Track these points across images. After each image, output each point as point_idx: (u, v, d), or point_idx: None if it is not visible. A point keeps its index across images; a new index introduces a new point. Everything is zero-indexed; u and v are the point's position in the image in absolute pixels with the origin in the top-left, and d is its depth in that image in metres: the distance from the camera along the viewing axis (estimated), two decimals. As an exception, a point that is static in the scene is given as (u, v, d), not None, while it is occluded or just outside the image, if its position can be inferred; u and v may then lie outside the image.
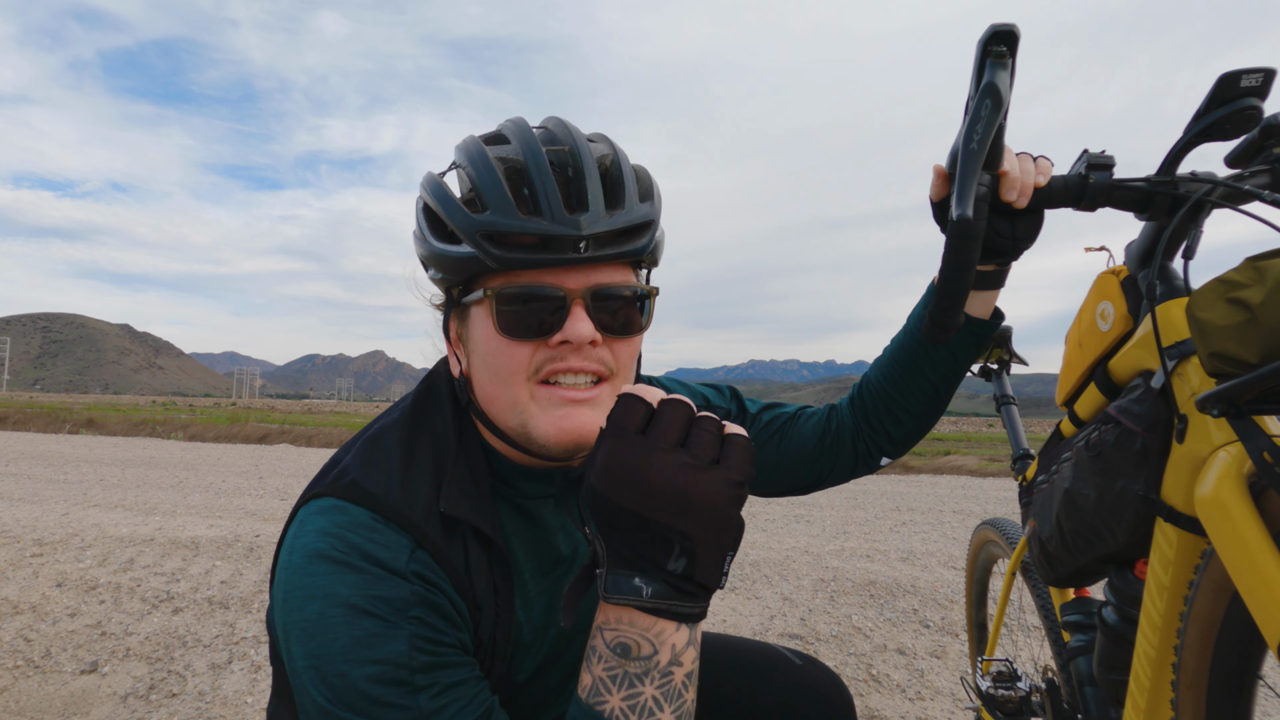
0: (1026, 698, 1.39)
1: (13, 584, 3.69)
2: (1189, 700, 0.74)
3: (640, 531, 0.59)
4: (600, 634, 0.61)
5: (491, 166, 0.73)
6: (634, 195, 0.77)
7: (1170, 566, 0.76)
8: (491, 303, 0.73)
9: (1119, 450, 0.83)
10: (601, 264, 0.74)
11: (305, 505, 0.73)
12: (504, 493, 0.81)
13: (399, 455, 0.75)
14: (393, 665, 0.62)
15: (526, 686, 0.81)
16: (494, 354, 0.74)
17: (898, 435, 1.00)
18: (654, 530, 0.59)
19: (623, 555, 0.60)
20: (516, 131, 0.77)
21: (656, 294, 0.81)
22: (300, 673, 0.64)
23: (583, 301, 0.73)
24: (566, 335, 0.72)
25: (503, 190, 0.71)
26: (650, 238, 0.77)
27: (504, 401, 0.76)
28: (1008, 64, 0.71)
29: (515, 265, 0.71)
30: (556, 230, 0.70)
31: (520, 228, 0.70)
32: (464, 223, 0.72)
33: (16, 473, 8.48)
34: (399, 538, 0.69)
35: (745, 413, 1.06)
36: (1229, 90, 0.74)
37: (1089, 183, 0.82)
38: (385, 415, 0.83)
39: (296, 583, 0.66)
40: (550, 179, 0.72)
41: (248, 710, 2.38)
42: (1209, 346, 0.62)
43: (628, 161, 0.79)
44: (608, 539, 0.61)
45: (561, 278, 0.73)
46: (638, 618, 0.60)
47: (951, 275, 0.72)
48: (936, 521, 6.49)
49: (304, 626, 0.64)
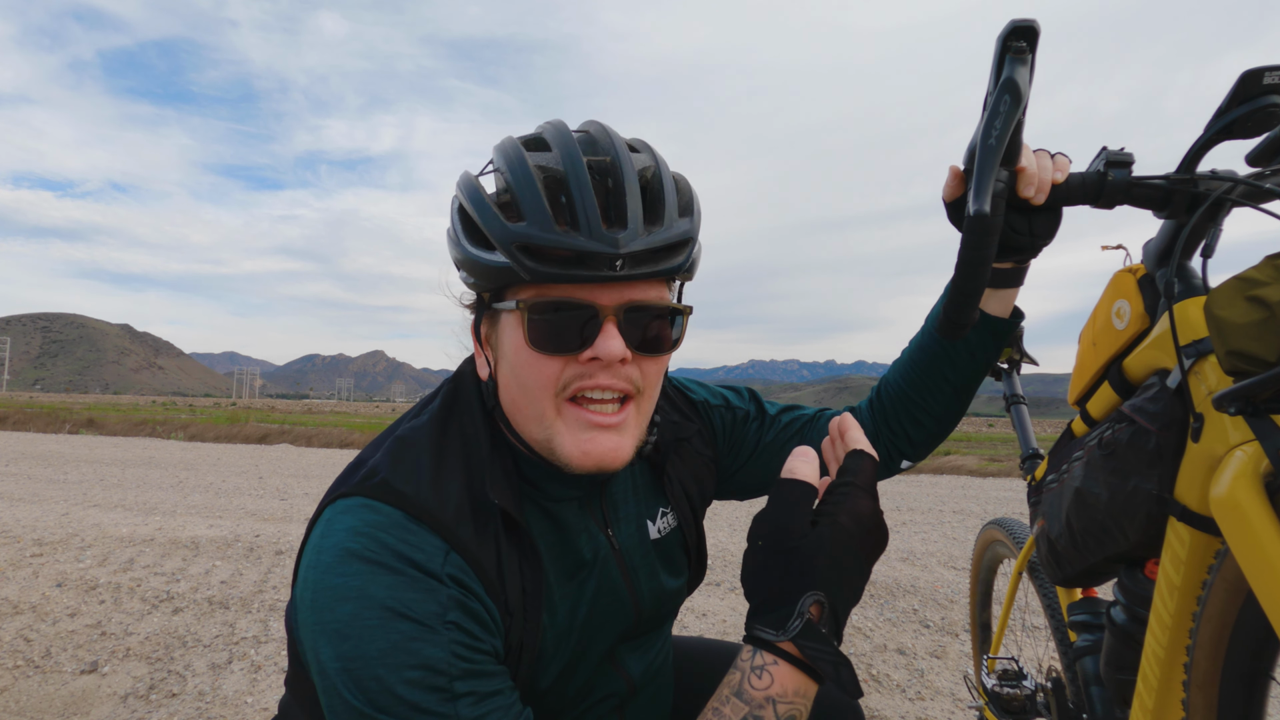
0: (1032, 696, 1.39)
1: (13, 584, 3.68)
2: (1201, 700, 0.74)
3: (864, 580, 0.67)
4: (772, 706, 0.63)
5: (530, 175, 0.71)
6: (674, 210, 0.75)
7: (1182, 566, 0.76)
8: (523, 315, 0.71)
9: (1132, 449, 0.82)
10: (637, 281, 0.73)
11: (332, 504, 0.71)
12: (530, 494, 0.80)
13: (430, 455, 0.74)
14: (432, 671, 0.61)
15: (547, 693, 0.80)
16: (522, 365, 0.73)
17: (918, 438, 0.99)
18: (865, 582, 0.67)
19: (840, 615, 0.65)
20: (558, 138, 0.74)
21: (690, 312, 0.79)
22: (331, 675, 0.62)
23: (615, 318, 0.72)
24: (597, 352, 0.71)
25: (540, 201, 0.69)
26: (688, 255, 0.75)
27: (530, 413, 0.75)
28: (1027, 59, 0.70)
29: (549, 279, 0.69)
30: (593, 247, 0.68)
31: (556, 242, 0.68)
32: (499, 232, 0.70)
33: (16, 473, 8.47)
34: (433, 539, 0.68)
35: (764, 415, 1.05)
36: (1251, 88, 0.73)
37: (1107, 180, 0.81)
38: (412, 415, 0.82)
39: (327, 582, 0.64)
40: (589, 191, 0.69)
41: (248, 710, 2.38)
42: (1227, 344, 0.62)
43: (669, 172, 0.77)
44: (837, 595, 0.64)
45: (594, 293, 0.71)
46: (810, 689, 0.64)
47: (967, 271, 0.72)
48: (936, 521, 6.49)
49: (336, 628, 0.62)
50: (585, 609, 0.81)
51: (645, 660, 0.91)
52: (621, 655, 0.88)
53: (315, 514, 0.73)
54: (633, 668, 0.89)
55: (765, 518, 0.68)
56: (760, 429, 1.03)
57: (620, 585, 0.85)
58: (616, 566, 0.85)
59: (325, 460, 11.69)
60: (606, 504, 0.87)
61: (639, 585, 0.87)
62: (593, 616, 0.82)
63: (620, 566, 0.86)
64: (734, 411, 1.03)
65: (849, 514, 0.65)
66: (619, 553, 0.86)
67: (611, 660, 0.86)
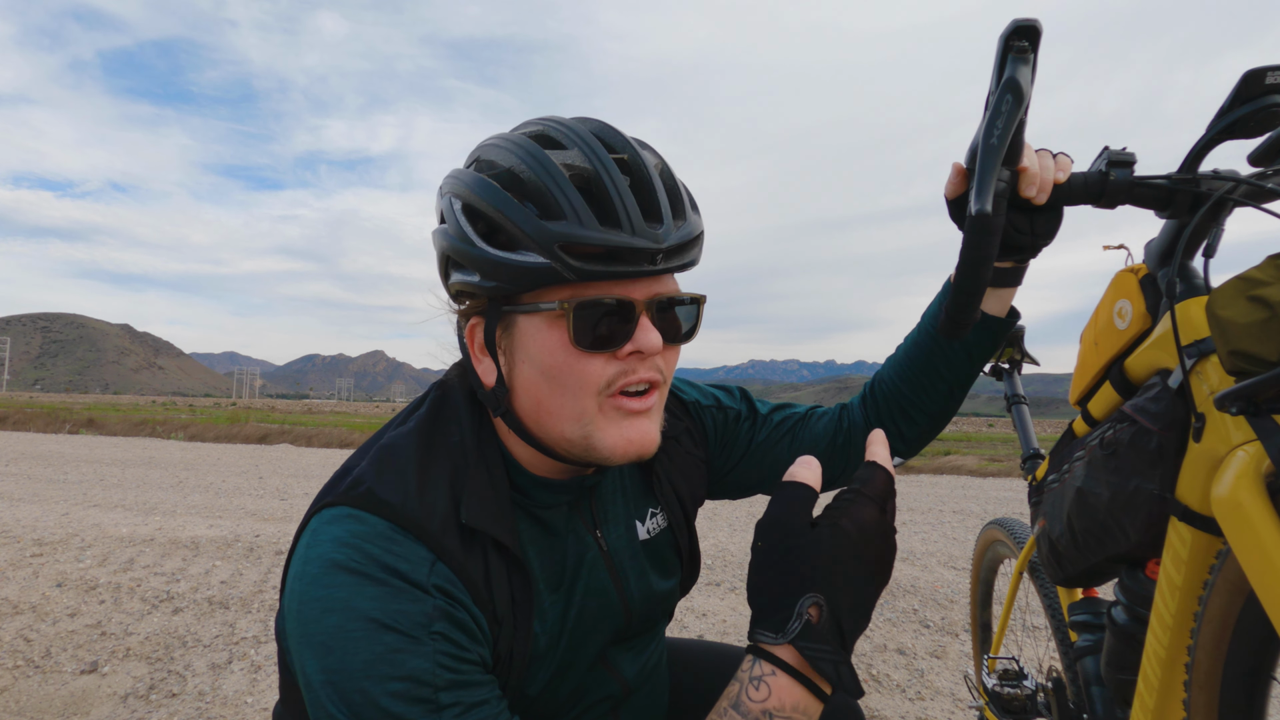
0: (1032, 696, 1.39)
1: (13, 584, 3.68)
2: (1202, 700, 0.74)
3: (871, 593, 0.64)
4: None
5: (561, 173, 0.70)
6: (689, 204, 0.77)
7: (1184, 566, 0.76)
8: (568, 315, 0.70)
9: (1134, 449, 0.82)
10: (662, 274, 0.75)
11: (318, 514, 0.71)
12: (521, 502, 0.80)
13: (415, 464, 0.73)
14: (416, 683, 0.61)
15: (538, 699, 0.80)
16: (562, 366, 0.72)
17: (911, 434, 0.99)
18: (872, 599, 0.65)
19: (844, 623, 0.62)
20: (573, 137, 0.73)
21: (705, 301, 0.81)
22: (316, 687, 0.62)
23: (648, 312, 0.73)
24: (638, 345, 0.71)
25: (579, 199, 0.69)
26: (701, 248, 0.78)
27: (567, 413, 0.73)
28: (1029, 59, 0.70)
29: (594, 277, 0.69)
30: (638, 243, 0.68)
31: (601, 240, 0.68)
32: (538, 232, 0.68)
33: (16, 473, 8.47)
34: (418, 549, 0.67)
35: (755, 414, 1.05)
36: (1253, 88, 0.73)
37: (1109, 180, 0.81)
38: (398, 422, 0.81)
39: (312, 594, 0.64)
40: (627, 189, 0.70)
41: (247, 710, 2.38)
42: (1229, 344, 0.62)
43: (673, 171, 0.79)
44: (834, 593, 0.62)
45: (629, 288, 0.72)
46: (812, 707, 0.62)
47: (969, 270, 0.72)
48: (936, 521, 6.49)
49: (321, 640, 0.62)
50: (575, 612, 0.81)
51: (639, 662, 0.91)
52: (614, 657, 0.87)
53: (302, 522, 0.73)
54: (626, 669, 0.88)
55: (765, 520, 0.67)
56: (752, 428, 1.03)
57: (609, 587, 0.85)
58: (605, 568, 0.85)
59: (325, 460, 11.69)
60: (596, 505, 0.87)
61: (628, 587, 0.87)
62: (582, 619, 0.82)
63: (609, 568, 0.85)
64: (725, 411, 1.03)
65: (851, 519, 0.65)
66: (607, 554, 0.86)
67: (604, 663, 0.86)
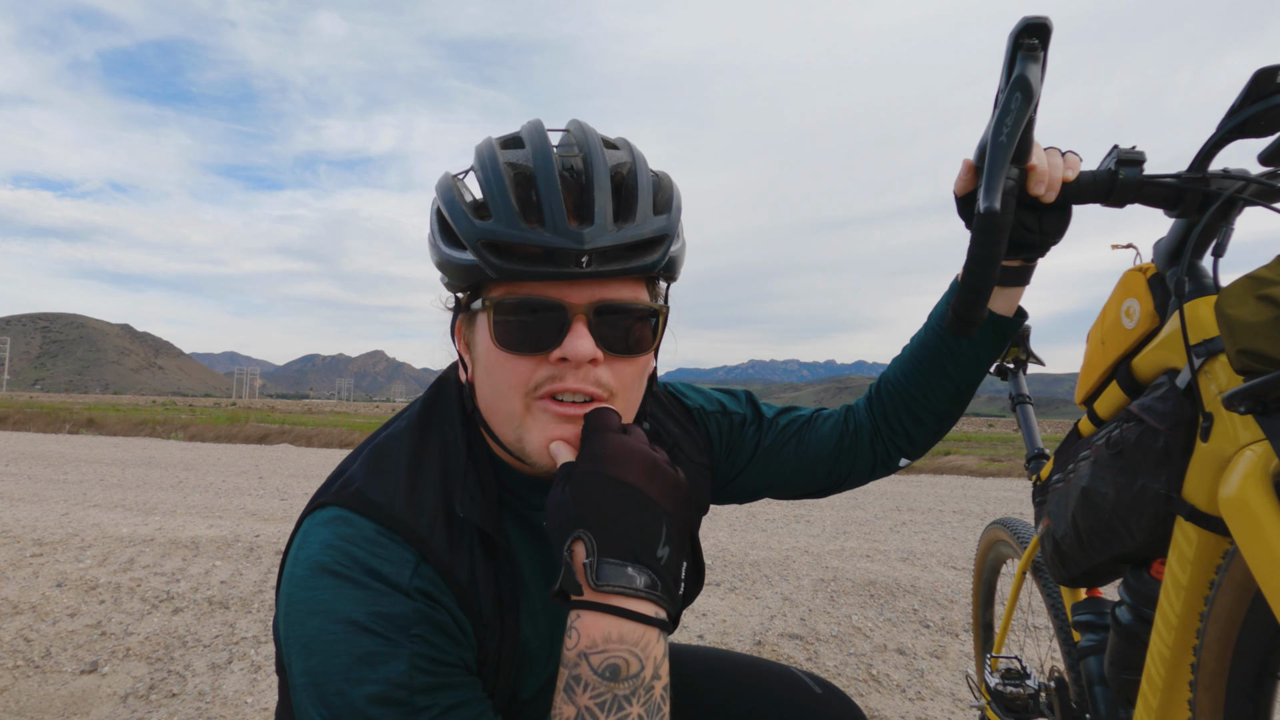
0: (1035, 696, 1.39)
1: (13, 584, 3.67)
2: (1207, 700, 0.73)
3: (641, 511, 0.63)
4: (585, 660, 0.60)
5: (500, 172, 0.70)
6: (648, 207, 0.73)
7: (1190, 566, 0.76)
8: (490, 313, 0.71)
9: (1140, 448, 0.82)
10: (608, 279, 0.71)
11: (311, 515, 0.72)
12: (511, 504, 0.79)
13: (405, 464, 0.74)
14: (393, 685, 0.61)
15: (533, 702, 0.80)
16: (493, 366, 0.73)
17: (918, 435, 0.98)
18: (651, 510, 0.63)
19: (618, 542, 0.62)
20: (531, 135, 0.74)
21: (666, 313, 0.77)
22: (299, 689, 0.63)
23: (584, 317, 0.70)
24: (565, 352, 0.70)
25: (507, 197, 0.69)
26: (663, 253, 0.73)
27: (501, 414, 0.74)
28: (1039, 57, 0.70)
29: (516, 276, 0.69)
30: (558, 243, 0.67)
31: (521, 238, 0.67)
32: (467, 230, 0.69)
33: (16, 473, 8.46)
34: (403, 551, 0.68)
35: (761, 417, 1.04)
36: (1264, 86, 0.72)
37: (1118, 178, 0.81)
38: (393, 422, 0.82)
39: (298, 596, 0.65)
40: (556, 187, 0.68)
41: (248, 710, 2.37)
42: (1237, 343, 0.61)
43: (647, 171, 0.76)
44: (601, 526, 0.62)
45: (564, 291, 0.70)
46: (628, 631, 0.61)
47: (977, 269, 0.72)
48: (936, 521, 6.49)
49: (304, 642, 0.63)
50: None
51: None
52: None
53: (297, 523, 0.73)
54: None
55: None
56: (758, 433, 1.02)
57: None
58: None
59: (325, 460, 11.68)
60: None
61: None
62: None
63: None
64: (731, 417, 1.02)
65: (585, 455, 0.67)
66: None
67: None
